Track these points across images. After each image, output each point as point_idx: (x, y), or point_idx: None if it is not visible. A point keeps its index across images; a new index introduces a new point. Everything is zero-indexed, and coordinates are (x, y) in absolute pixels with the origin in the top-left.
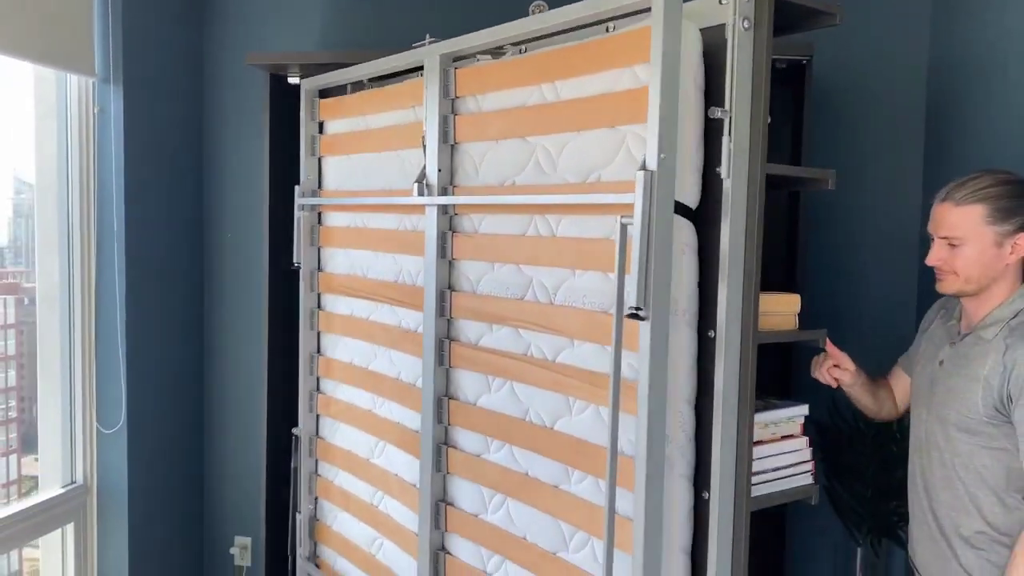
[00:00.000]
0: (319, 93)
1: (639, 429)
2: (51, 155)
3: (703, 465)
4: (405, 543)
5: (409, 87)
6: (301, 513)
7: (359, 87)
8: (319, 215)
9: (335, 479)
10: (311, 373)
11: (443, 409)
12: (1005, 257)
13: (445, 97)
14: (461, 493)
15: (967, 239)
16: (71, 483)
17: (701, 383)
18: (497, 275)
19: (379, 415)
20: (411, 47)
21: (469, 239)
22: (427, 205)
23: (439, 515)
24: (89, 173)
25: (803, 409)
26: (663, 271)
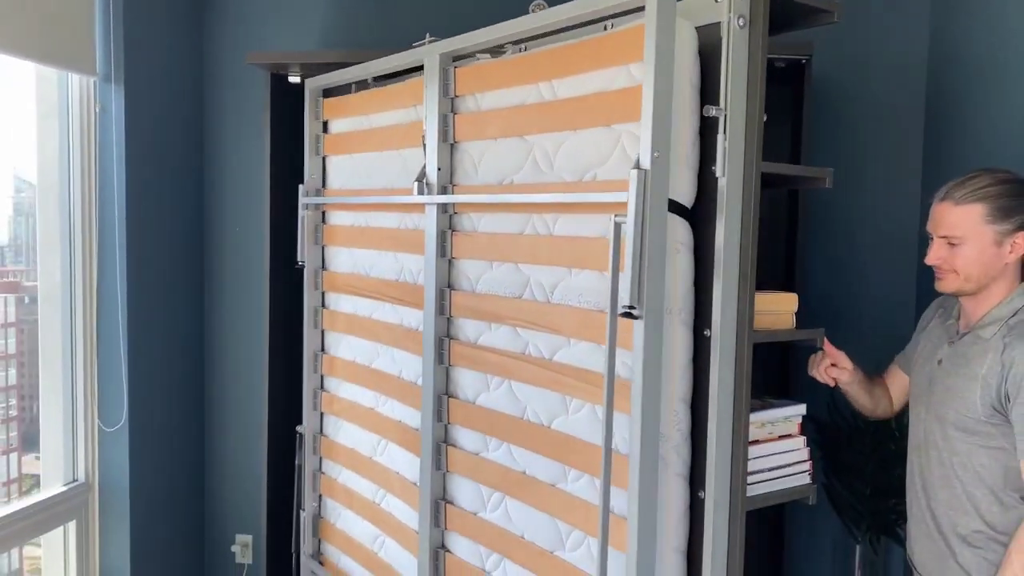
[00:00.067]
0: (323, 93)
1: (632, 427)
2: (53, 154)
3: (699, 464)
4: (406, 541)
5: (410, 86)
6: (305, 510)
7: (363, 86)
8: (323, 214)
9: (338, 477)
10: (315, 371)
11: (443, 407)
12: (1004, 256)
13: (445, 96)
14: (461, 491)
15: (967, 238)
16: (73, 481)
17: (697, 382)
18: (496, 274)
19: (381, 413)
20: (411, 46)
21: (468, 238)
22: (427, 204)
23: (439, 513)
24: (90, 172)
25: (800, 409)
26: (657, 270)
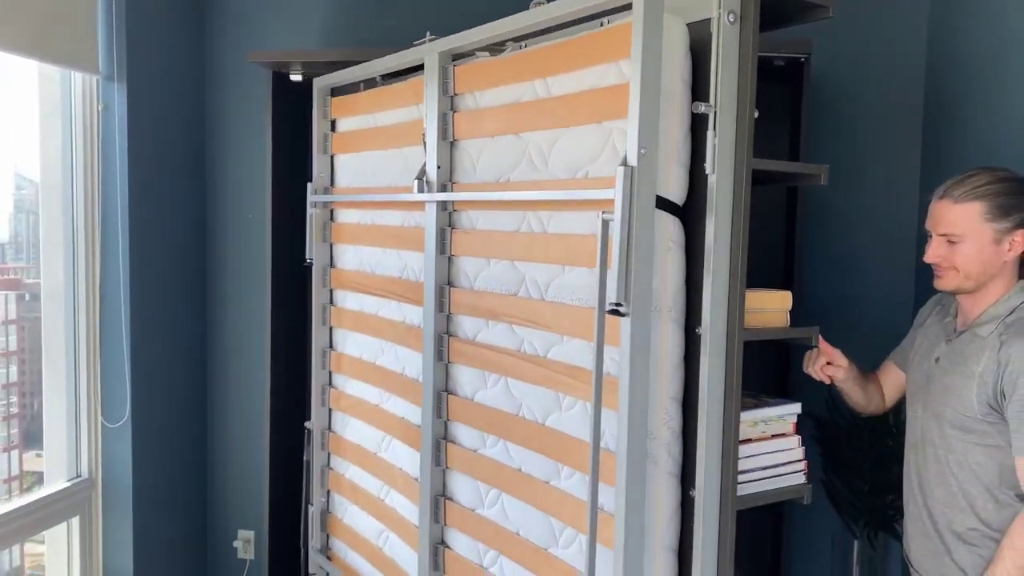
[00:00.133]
0: (330, 91)
1: (620, 424)
2: (56, 152)
3: (691, 463)
4: (409, 537)
5: (412, 85)
6: (313, 505)
7: (372, 84)
8: (331, 212)
9: (346, 472)
10: (323, 367)
11: (442, 404)
12: (1003, 254)
13: (444, 94)
14: (459, 488)
15: (966, 236)
16: (76, 477)
17: (689, 381)
18: (493, 271)
19: (386, 410)
20: (412, 45)
21: (466, 235)
22: (426, 201)
23: (438, 509)
24: (93, 170)
25: (795, 408)
26: (644, 267)
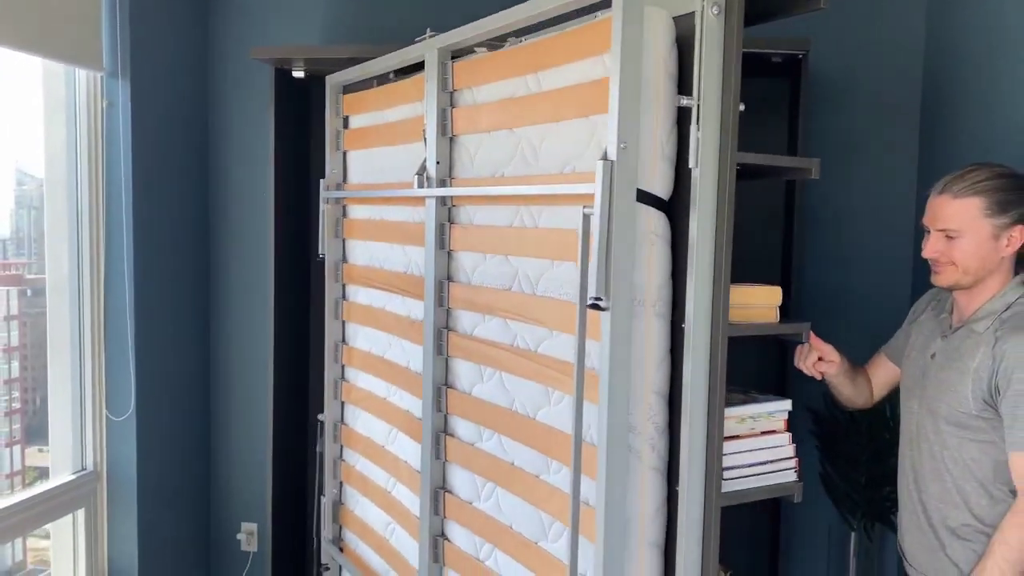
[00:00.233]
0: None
1: (600, 417)
2: (60, 148)
3: (676, 458)
4: (412, 529)
5: (415, 82)
6: (325, 497)
7: (385, 80)
8: (343, 207)
9: (356, 465)
10: (336, 361)
11: (442, 398)
12: (1001, 250)
13: (443, 90)
14: (458, 481)
15: (965, 231)
16: (81, 470)
17: (675, 375)
18: (488, 266)
19: (393, 403)
20: (414, 41)
21: (465, 230)
22: (426, 197)
23: (438, 501)
24: (98, 166)
25: (785, 404)
26: (625, 261)
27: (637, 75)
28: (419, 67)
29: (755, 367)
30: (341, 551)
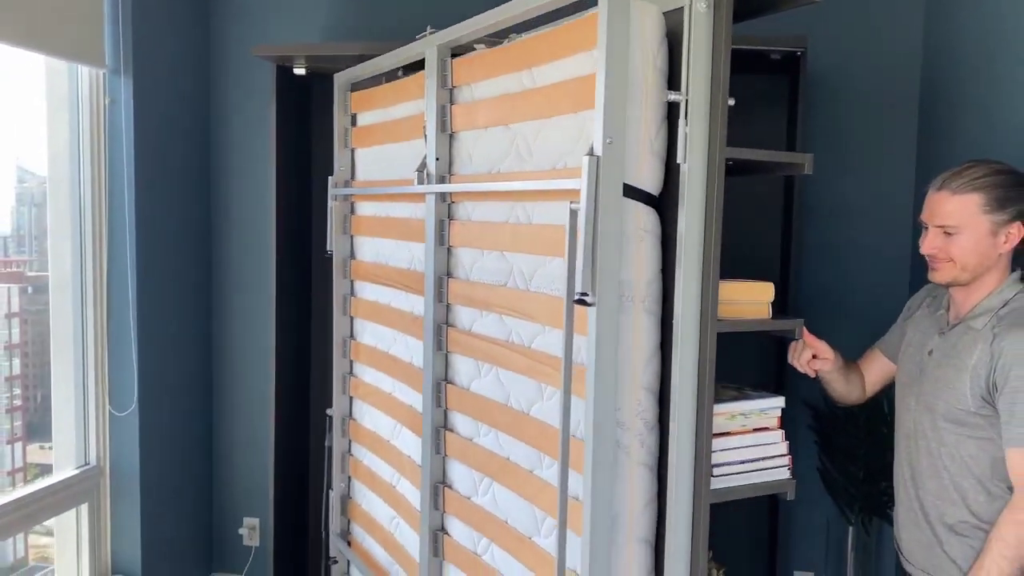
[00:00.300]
0: (348, 85)
1: (586, 412)
2: (63, 145)
3: (667, 455)
4: (415, 523)
5: (417, 79)
6: (333, 491)
7: (394, 77)
8: (352, 204)
9: (363, 459)
10: (344, 356)
11: (441, 393)
12: (999, 246)
13: (443, 87)
14: (457, 475)
15: (963, 227)
16: (85, 464)
17: (665, 372)
18: (486, 262)
19: (397, 398)
20: (415, 38)
21: (463, 227)
22: (426, 193)
23: (438, 496)
24: (100, 163)
25: (778, 402)
26: (611, 257)
27: (623, 70)
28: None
29: (755, 364)
30: (349, 545)
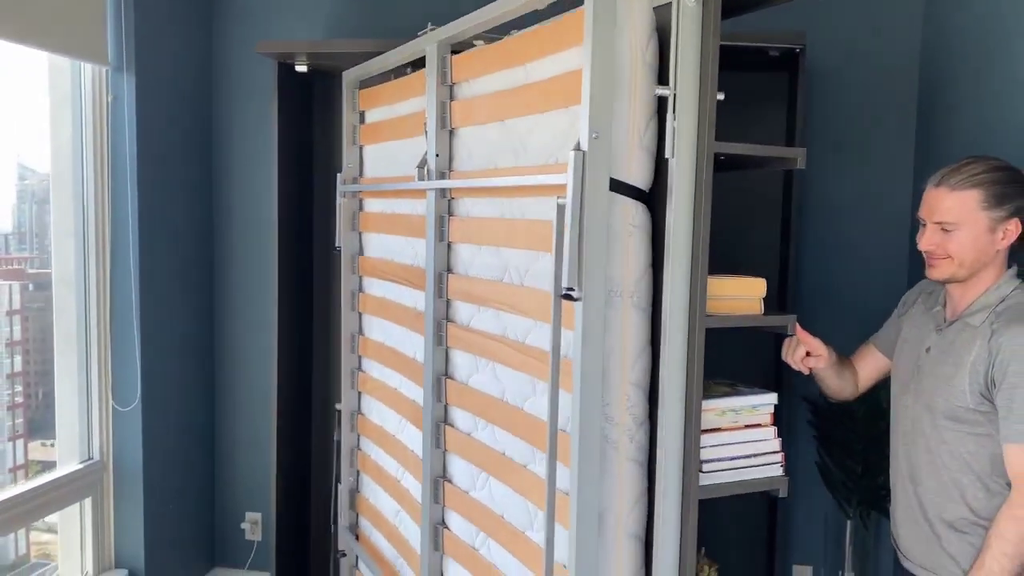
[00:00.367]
0: (351, 83)
1: (573, 406)
2: (66, 142)
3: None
4: (417, 517)
5: (419, 76)
6: (342, 484)
7: (402, 73)
8: (360, 201)
9: (371, 453)
10: (352, 351)
11: (442, 388)
12: (996, 243)
13: (443, 83)
14: (456, 470)
15: (962, 224)
16: (88, 459)
17: (657, 368)
18: (483, 258)
19: (402, 393)
20: (417, 35)
21: (462, 223)
22: (426, 189)
23: (438, 490)
24: (103, 159)
25: (770, 398)
26: (597, 252)
27: (609, 65)
28: None
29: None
30: (356, 539)
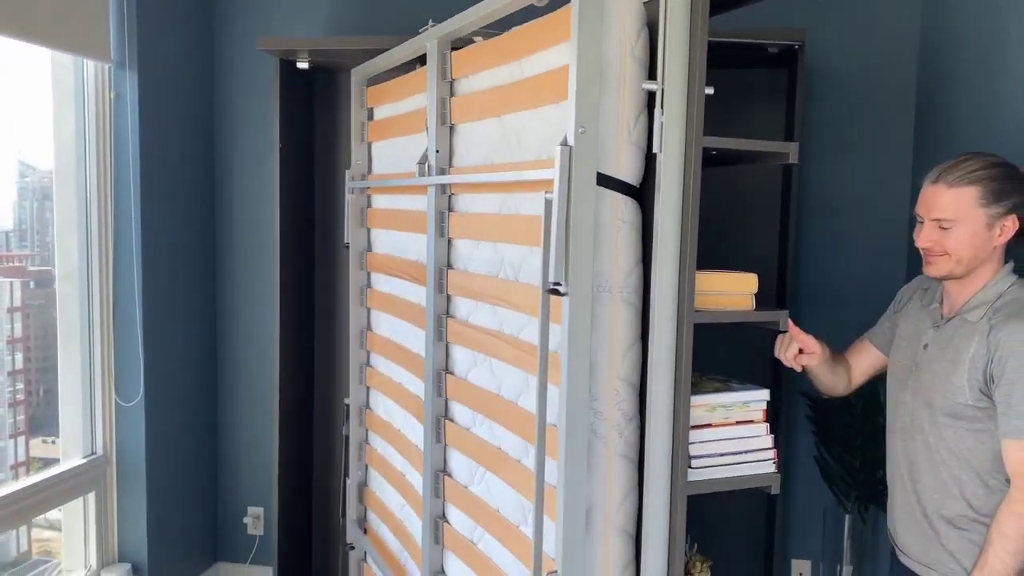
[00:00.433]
0: (361, 81)
1: (560, 400)
2: (69, 139)
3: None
4: (420, 511)
5: (421, 73)
6: (350, 479)
7: (411, 69)
8: (368, 197)
9: (378, 448)
10: (361, 347)
11: (442, 383)
12: (994, 239)
13: (443, 79)
14: (456, 464)
15: (959, 221)
16: (92, 454)
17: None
18: (482, 253)
19: (408, 389)
20: (419, 32)
21: (460, 218)
22: (427, 185)
23: (438, 484)
24: (106, 156)
25: (762, 394)
26: (584, 246)
27: (596, 60)
28: None
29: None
30: (364, 532)
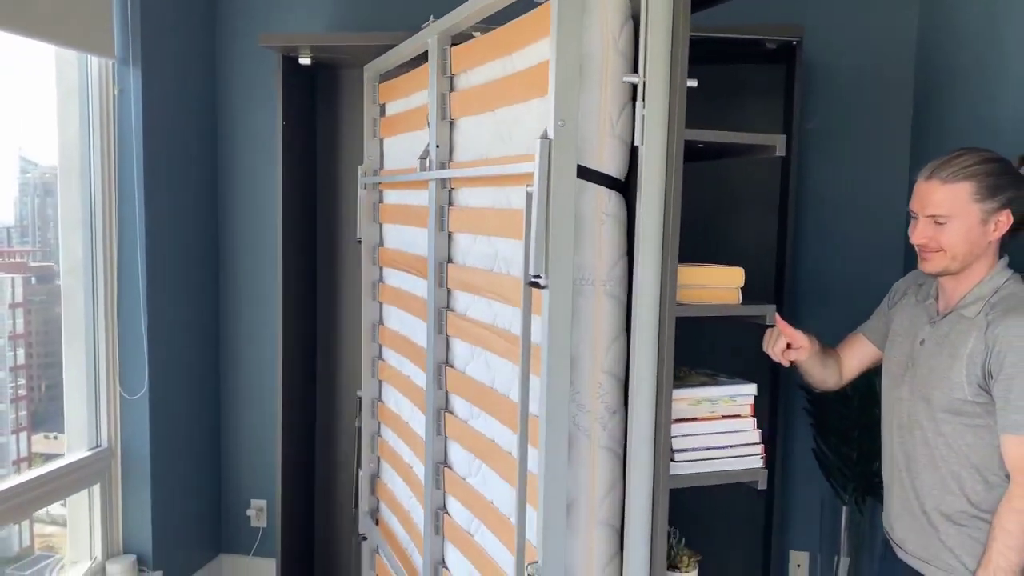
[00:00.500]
0: (373, 77)
1: (540, 391)
2: (73, 135)
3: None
4: (423, 502)
5: (424, 69)
6: (362, 470)
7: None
8: (380, 192)
9: (388, 440)
10: (373, 340)
11: (442, 376)
12: (988, 234)
13: (443, 75)
14: (455, 456)
15: (954, 216)
16: (96, 447)
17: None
18: (478, 247)
19: (415, 382)
20: (421, 27)
21: (459, 212)
22: (428, 180)
23: (439, 476)
24: (110, 151)
25: (749, 388)
26: (564, 239)
27: (576, 53)
28: None
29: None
30: (376, 523)
